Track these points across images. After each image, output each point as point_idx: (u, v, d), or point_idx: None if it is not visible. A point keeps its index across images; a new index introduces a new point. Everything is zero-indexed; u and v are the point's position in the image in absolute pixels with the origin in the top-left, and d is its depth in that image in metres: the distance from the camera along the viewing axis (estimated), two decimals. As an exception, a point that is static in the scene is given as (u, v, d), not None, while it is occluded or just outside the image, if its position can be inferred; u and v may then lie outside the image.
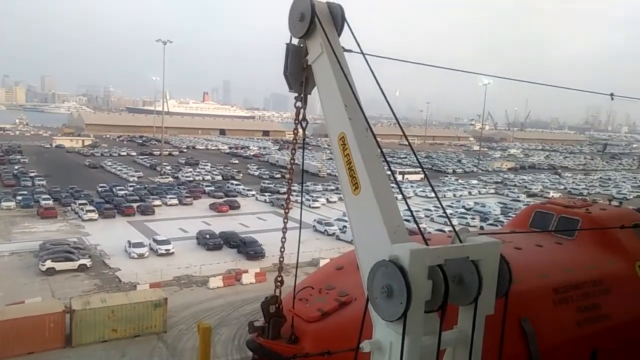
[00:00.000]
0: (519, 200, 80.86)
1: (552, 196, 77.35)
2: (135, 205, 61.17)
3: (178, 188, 75.78)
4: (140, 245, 44.04)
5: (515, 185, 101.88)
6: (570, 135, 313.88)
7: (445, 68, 11.22)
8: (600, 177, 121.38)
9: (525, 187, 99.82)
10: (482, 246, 6.41)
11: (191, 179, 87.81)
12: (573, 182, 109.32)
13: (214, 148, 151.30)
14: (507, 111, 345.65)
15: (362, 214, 7.05)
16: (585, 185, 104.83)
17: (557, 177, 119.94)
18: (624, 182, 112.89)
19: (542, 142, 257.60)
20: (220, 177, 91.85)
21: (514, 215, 31.36)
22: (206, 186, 78.45)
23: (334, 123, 7.70)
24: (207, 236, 47.98)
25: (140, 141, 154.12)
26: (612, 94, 15.97)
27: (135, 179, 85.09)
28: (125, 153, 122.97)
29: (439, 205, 69.39)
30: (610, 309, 11.04)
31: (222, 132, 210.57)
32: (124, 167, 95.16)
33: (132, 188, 73.58)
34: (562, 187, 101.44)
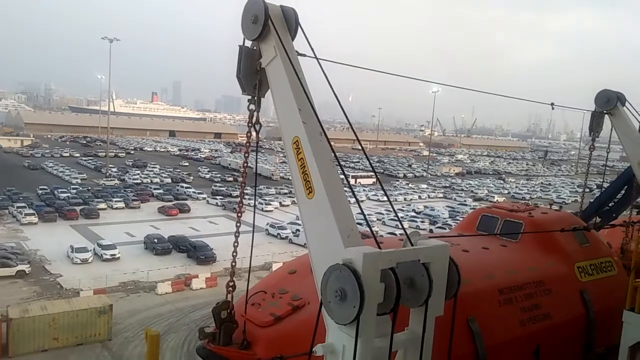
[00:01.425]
0: (465, 204, 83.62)
1: (497, 200, 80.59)
2: (78, 208, 58.57)
3: (125, 191, 73.20)
4: (83, 250, 42.20)
5: (462, 190, 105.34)
6: (514, 142, 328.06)
7: (393, 74, 11.48)
8: (541, 183, 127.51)
9: (472, 191, 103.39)
10: (433, 249, 6.58)
11: (139, 181, 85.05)
12: (516, 187, 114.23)
13: (163, 150, 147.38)
14: (454, 118, 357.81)
15: (316, 218, 7.06)
16: (528, 190, 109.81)
17: (502, 182, 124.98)
18: (563, 187, 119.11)
19: (488, 148, 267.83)
20: (169, 180, 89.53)
21: (461, 219, 32.34)
22: (154, 189, 76.28)
23: (288, 127, 7.68)
24: (156, 240, 46.63)
25: (84, 142, 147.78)
26: (552, 104, 16.85)
27: (79, 181, 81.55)
28: (67, 154, 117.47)
29: (391, 209, 70.68)
30: (551, 308, 11.60)
31: (172, 133, 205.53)
32: (66, 169, 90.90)
33: (75, 190, 70.45)
34: (506, 191, 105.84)
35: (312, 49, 7.98)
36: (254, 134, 8.62)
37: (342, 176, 7.69)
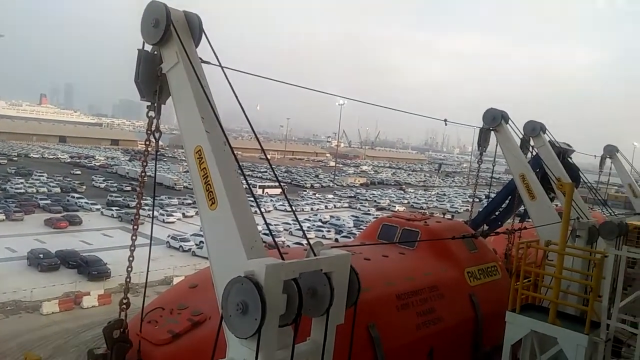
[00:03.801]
0: (369, 214, 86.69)
1: (398, 210, 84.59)
2: (-53, 221, 51.99)
3: (6, 201, 66.05)
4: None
5: (366, 200, 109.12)
6: (413, 155, 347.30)
7: (298, 86, 11.61)
8: (437, 193, 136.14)
9: (375, 201, 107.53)
10: (334, 258, 6.68)
11: (22, 191, 77.32)
12: (415, 197, 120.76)
13: (52, 157, 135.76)
14: (359, 130, 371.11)
15: (219, 230, 6.89)
16: (425, 200, 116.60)
17: (402, 192, 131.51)
18: (456, 197, 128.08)
19: (390, 160, 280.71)
20: (58, 190, 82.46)
21: (364, 228, 33.39)
22: (41, 199, 69.77)
23: (190, 136, 7.44)
24: (41, 256, 42.50)
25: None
26: (445, 120, 18.06)
27: (-50, 190, 72.48)
28: None
29: (295, 220, 71.21)
30: (444, 311, 12.35)
31: (63, 139, 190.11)
32: None
33: (-56, 201, 62.49)
34: (406, 201, 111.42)
35: (216, 57, 7.82)
36: (154, 141, 8.22)
37: (248, 187, 7.60)
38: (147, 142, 8.29)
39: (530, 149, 17.89)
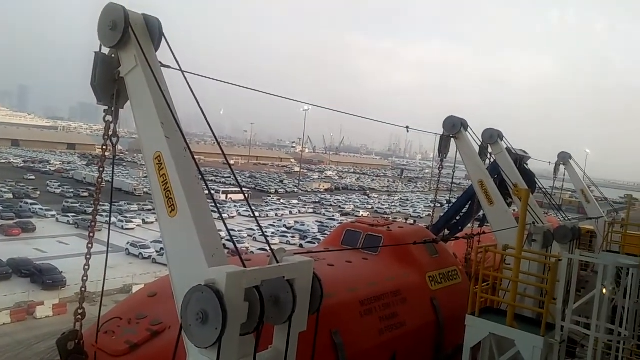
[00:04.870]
0: (334, 219, 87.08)
1: (362, 215, 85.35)
2: None
3: (-47, 208, 63.00)
4: None
5: (331, 205, 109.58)
6: (377, 160, 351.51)
7: (261, 92, 11.54)
8: (400, 198, 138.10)
9: (340, 206, 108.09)
10: (297, 265, 6.66)
11: (-29, 197, 73.93)
12: (379, 202, 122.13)
13: (3, 161, 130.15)
14: (324, 136, 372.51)
15: (179, 237, 6.74)
16: (389, 205, 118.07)
17: (366, 197, 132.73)
18: (418, 202, 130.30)
19: (354, 165, 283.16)
20: (10, 195, 79.06)
21: (329, 233, 33.42)
22: (-8, 206, 66.88)
23: (149, 141, 7.26)
24: (-8, 264, 40.71)
25: None
26: (407, 127, 18.37)
27: None
28: None
29: (260, 226, 70.63)
30: (406, 316, 12.49)
31: (16, 143, 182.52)
32: None
33: None
34: (370, 206, 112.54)
35: (176, 60, 7.68)
36: (111, 147, 7.98)
37: (209, 193, 7.48)
38: (104, 147, 8.05)
39: (489, 155, 18.40)
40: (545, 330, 10.10)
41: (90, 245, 7.96)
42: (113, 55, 7.71)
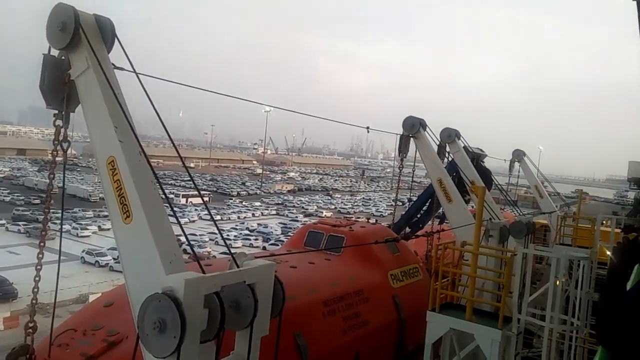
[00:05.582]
0: (297, 220, 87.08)
1: (325, 215, 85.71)
2: None
3: None
4: None
5: (294, 206, 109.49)
6: (339, 161, 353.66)
7: (219, 93, 11.40)
8: (363, 198, 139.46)
9: (303, 207, 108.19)
10: (258, 269, 6.59)
11: None
12: (342, 202, 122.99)
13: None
14: (286, 137, 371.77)
15: (134, 245, 6.55)
16: (352, 205, 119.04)
17: (329, 198, 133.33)
18: (381, 201, 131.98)
19: (317, 166, 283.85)
20: (-44, 204, 75.23)
21: (292, 235, 33.46)
22: (-64, 215, 63.32)
23: (101, 146, 7.04)
24: (-64, 278, 38.51)
25: None
26: (368, 127, 18.54)
27: None
28: None
29: (223, 228, 69.81)
30: (369, 315, 12.61)
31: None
32: None
33: None
34: (333, 207, 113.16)
35: (130, 63, 7.47)
36: (62, 152, 7.68)
37: (168, 197, 7.31)
38: (55, 153, 7.74)
39: (447, 154, 18.82)
40: (503, 323, 10.41)
41: (40, 255, 7.65)
42: (63, 57, 7.44)
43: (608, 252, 17.15)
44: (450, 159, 19.16)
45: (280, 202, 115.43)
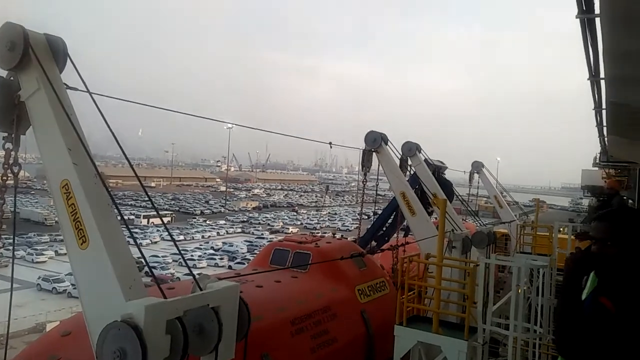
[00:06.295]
0: (263, 238, 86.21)
1: (292, 232, 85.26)
2: None
3: None
4: None
5: (259, 224, 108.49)
6: (304, 176, 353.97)
7: (177, 112, 11.26)
8: (329, 212, 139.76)
9: (269, 224, 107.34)
10: (222, 291, 6.44)
11: None
12: (308, 218, 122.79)
13: None
14: (249, 153, 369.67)
15: (91, 271, 6.30)
16: (318, 220, 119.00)
17: (295, 213, 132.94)
18: (346, 215, 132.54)
19: (281, 182, 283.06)
20: None
21: (258, 253, 33.07)
22: None
23: (55, 169, 6.78)
24: None
25: None
26: (330, 143, 18.68)
27: None
28: None
29: (186, 249, 68.33)
30: (337, 331, 12.51)
31: None
32: None
33: None
34: (299, 222, 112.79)
35: (83, 82, 7.28)
36: (15, 176, 7.36)
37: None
38: (5, 178, 7.41)
39: (409, 167, 19.13)
40: (469, 334, 10.54)
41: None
42: (12, 78, 7.17)
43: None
44: (412, 172, 19.48)
45: (245, 219, 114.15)
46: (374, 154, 17.73)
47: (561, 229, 25.33)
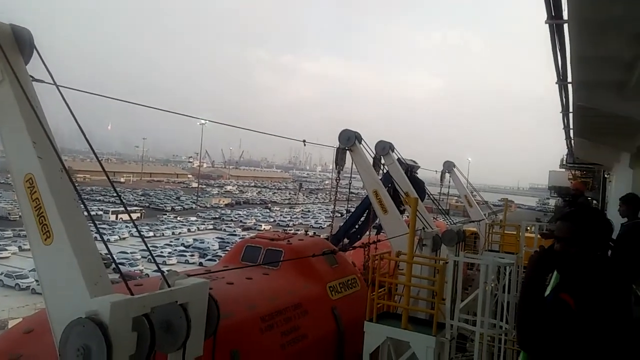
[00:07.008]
0: (235, 234, 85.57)
1: (264, 229, 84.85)
2: None
3: None
4: None
5: (232, 220, 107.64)
6: (278, 174, 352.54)
7: (151, 107, 11.07)
8: (302, 210, 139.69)
9: (241, 221, 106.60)
10: (190, 288, 6.39)
11: None
12: (281, 215, 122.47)
13: None
14: (223, 150, 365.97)
15: (55, 267, 6.16)
16: (291, 217, 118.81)
17: (268, 211, 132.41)
18: (320, 213, 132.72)
19: (255, 179, 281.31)
20: None
21: (229, 250, 32.84)
22: None
23: (18, 162, 6.60)
24: None
25: None
26: (304, 140, 18.67)
27: None
28: None
29: (155, 245, 67.30)
30: (308, 328, 12.55)
31: None
32: None
33: None
34: (272, 220, 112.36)
35: (50, 75, 7.07)
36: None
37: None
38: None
39: (382, 166, 19.29)
40: (437, 330, 10.72)
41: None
42: (-25, 69, 6.92)
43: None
44: (385, 171, 19.65)
45: (217, 216, 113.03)
46: (347, 152, 17.80)
47: (528, 228, 26.02)
